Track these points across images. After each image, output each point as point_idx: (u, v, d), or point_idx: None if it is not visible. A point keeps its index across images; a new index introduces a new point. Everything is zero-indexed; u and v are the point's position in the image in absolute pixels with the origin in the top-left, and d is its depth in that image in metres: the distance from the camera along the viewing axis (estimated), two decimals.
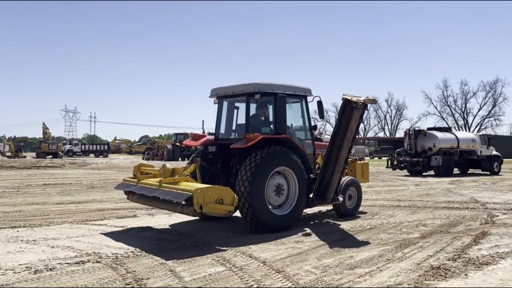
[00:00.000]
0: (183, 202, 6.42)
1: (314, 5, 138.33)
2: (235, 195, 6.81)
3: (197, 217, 8.20)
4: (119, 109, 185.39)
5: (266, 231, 7.32)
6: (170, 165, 7.95)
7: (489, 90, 78.01)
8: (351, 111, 7.78)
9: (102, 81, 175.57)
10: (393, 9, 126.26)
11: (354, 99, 7.64)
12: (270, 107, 8.50)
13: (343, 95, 7.85)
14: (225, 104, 8.91)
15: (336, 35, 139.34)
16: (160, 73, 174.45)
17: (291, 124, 8.71)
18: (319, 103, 8.79)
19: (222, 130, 8.88)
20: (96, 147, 69.60)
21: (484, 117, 79.63)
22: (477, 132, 67.43)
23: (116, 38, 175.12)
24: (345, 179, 9.21)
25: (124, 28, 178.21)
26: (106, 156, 63.34)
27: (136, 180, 7.94)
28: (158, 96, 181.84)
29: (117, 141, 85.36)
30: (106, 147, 70.52)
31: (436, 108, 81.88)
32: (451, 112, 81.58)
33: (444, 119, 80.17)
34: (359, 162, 10.50)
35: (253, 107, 8.39)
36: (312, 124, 9.10)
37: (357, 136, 8.66)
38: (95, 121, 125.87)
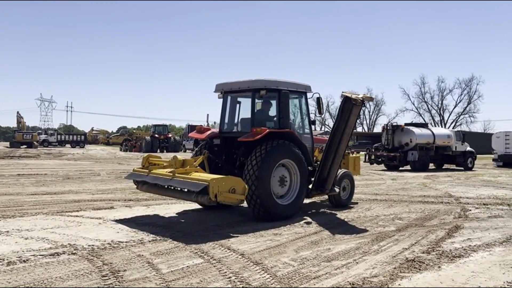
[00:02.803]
0: (199, 191, 6.80)
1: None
2: (246, 185, 7.19)
3: (205, 206, 8.70)
4: (97, 99, 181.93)
5: (271, 219, 7.69)
6: (180, 156, 8.25)
7: (464, 87, 79.81)
8: (350, 107, 8.31)
9: (80, 70, 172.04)
10: (372, 5, 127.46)
11: (353, 96, 8.10)
12: (274, 103, 8.84)
13: (343, 92, 8.44)
14: (229, 99, 9.20)
15: (315, 30, 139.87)
16: (138, 63, 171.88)
17: (293, 119, 9.17)
18: (318, 99, 9.22)
19: (226, 123, 9.21)
20: (72, 137, 68.05)
21: (460, 113, 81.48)
22: (453, 128, 68.83)
23: (95, 26, 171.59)
24: (340, 171, 9.58)
25: (104, 17, 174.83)
26: (83, 147, 62.15)
27: (147, 170, 8.25)
28: (136, 87, 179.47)
29: (94, 132, 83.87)
30: (83, 137, 69.05)
31: (414, 104, 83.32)
32: (428, 108, 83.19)
33: (421, 115, 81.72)
34: (351, 155, 10.88)
35: (257, 102, 8.72)
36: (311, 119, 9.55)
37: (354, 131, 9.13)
38: (71, 111, 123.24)
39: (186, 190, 7.26)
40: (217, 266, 5.03)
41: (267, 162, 7.69)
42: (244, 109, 9.06)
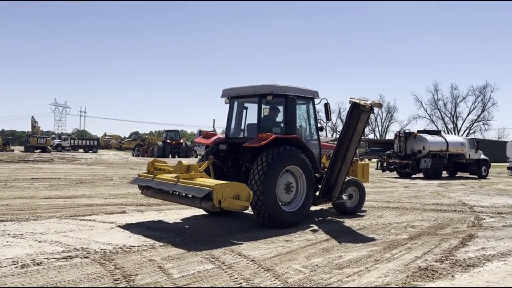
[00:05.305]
0: (203, 197, 6.73)
1: (305, 5, 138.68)
2: (250, 192, 7.07)
3: (209, 213, 8.65)
4: (110, 104, 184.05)
5: (276, 226, 7.60)
6: (185, 161, 8.21)
7: (478, 94, 78.77)
8: (358, 114, 8.16)
9: (93, 76, 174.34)
10: (385, 13, 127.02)
11: (361, 102, 7.97)
12: (281, 108, 8.75)
13: (351, 98, 8.26)
14: (235, 104, 9.14)
15: (328, 38, 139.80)
16: (151, 70, 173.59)
17: (300, 125, 9.02)
18: (326, 106, 9.10)
19: (233, 129, 9.14)
20: (85, 142, 68.88)
21: (473, 121, 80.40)
22: (466, 136, 68.16)
23: (109, 33, 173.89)
24: (347, 178, 9.37)
25: (117, 24, 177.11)
26: (96, 152, 62.76)
27: (151, 175, 8.20)
28: (149, 93, 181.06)
29: (107, 137, 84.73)
30: (95, 142, 69.85)
31: (426, 111, 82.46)
32: (441, 115, 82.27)
33: (434, 122, 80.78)
34: (360, 162, 10.71)
35: (264, 107, 8.64)
36: (319, 125, 9.43)
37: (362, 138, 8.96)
38: (85, 116, 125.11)
39: (190, 195, 7.18)
40: (228, 272, 5.03)
41: (273, 168, 7.59)
42: (251, 114, 8.97)
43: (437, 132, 26.74)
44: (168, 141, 48.94)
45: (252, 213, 8.03)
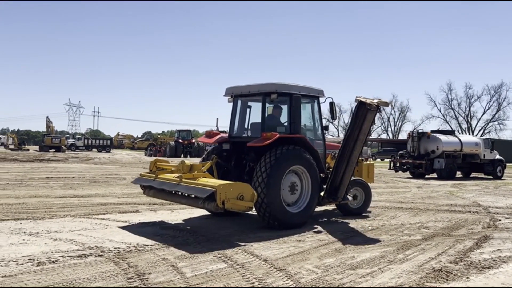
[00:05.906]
0: (206, 197, 6.60)
1: (318, 5, 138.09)
2: (255, 192, 6.97)
3: (212, 213, 8.56)
4: (123, 104, 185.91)
5: (280, 227, 7.49)
6: (188, 161, 8.11)
7: (493, 94, 77.80)
8: (365, 113, 7.95)
9: (107, 76, 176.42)
10: (398, 11, 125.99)
11: (368, 101, 7.78)
12: (285, 107, 8.60)
13: (357, 97, 8.04)
14: (239, 103, 9.03)
15: (340, 37, 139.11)
16: (164, 70, 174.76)
17: (304, 124, 8.85)
18: (331, 104, 8.95)
19: (236, 128, 9.01)
20: (99, 142, 69.64)
21: (488, 121, 79.40)
22: (481, 136, 67.28)
23: (122, 34, 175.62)
24: (352, 179, 9.18)
25: (130, 25, 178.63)
26: (109, 151, 63.42)
27: (154, 175, 8.09)
28: (161, 93, 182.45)
29: (120, 137, 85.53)
30: (109, 142, 70.59)
31: (440, 111, 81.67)
32: (455, 115, 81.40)
33: (447, 122, 79.96)
34: (365, 162, 10.58)
35: (268, 106, 8.52)
36: (324, 124, 9.26)
37: (368, 138, 8.78)
38: (98, 116, 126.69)
39: (193, 196, 7.04)
40: (241, 271, 5.04)
41: (277, 169, 7.45)
42: (255, 113, 8.83)
43: (451, 132, 26.44)
44: (180, 140, 49.25)
45: None
